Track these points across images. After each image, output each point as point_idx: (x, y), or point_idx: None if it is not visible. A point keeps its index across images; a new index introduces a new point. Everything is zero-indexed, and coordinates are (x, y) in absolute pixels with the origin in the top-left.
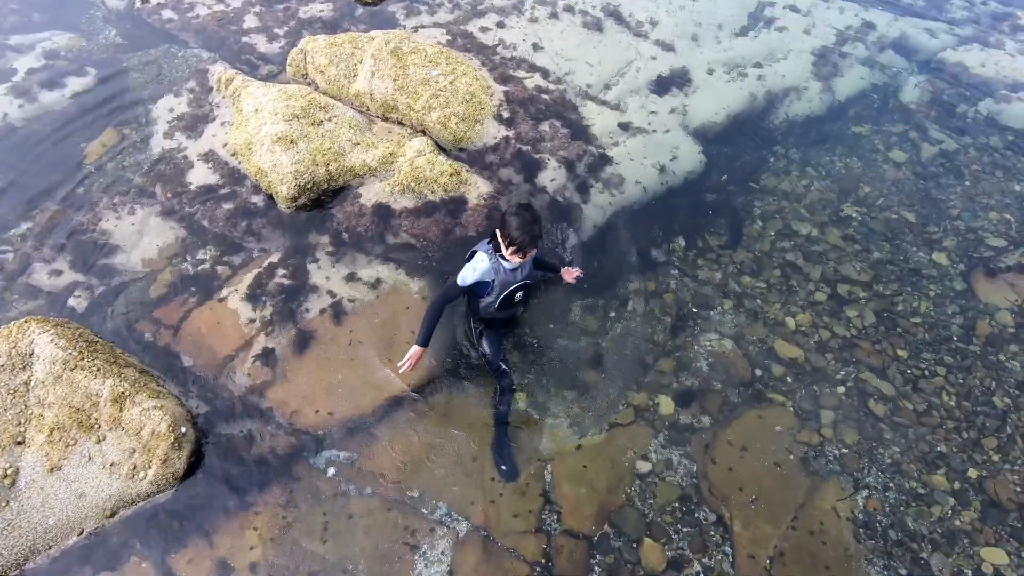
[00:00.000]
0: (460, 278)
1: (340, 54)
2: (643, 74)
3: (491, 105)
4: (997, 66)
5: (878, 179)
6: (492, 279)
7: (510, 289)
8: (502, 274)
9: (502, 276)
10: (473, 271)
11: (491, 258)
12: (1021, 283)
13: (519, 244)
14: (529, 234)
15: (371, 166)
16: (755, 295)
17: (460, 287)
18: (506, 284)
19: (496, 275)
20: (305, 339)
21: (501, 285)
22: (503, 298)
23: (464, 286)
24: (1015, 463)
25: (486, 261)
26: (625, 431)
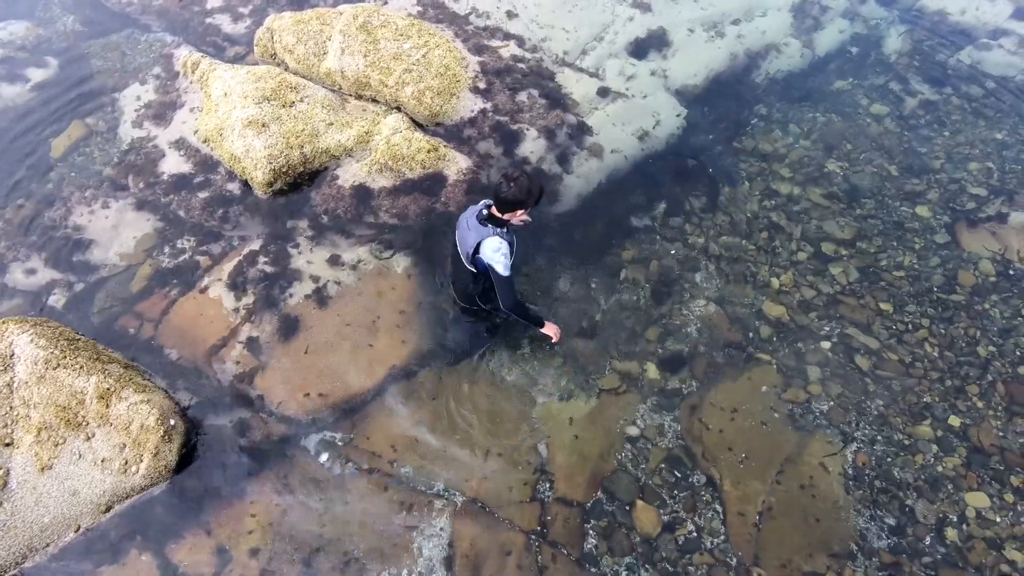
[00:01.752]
0: (505, 269)
1: (308, 31)
2: (621, 37)
3: (466, 77)
4: (977, 12)
5: (861, 134)
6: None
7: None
8: (513, 241)
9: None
10: (505, 257)
11: (505, 235)
12: (1002, 232)
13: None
14: (537, 191)
15: (347, 146)
16: (739, 257)
17: (510, 276)
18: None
19: (512, 246)
20: (291, 325)
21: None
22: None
23: (510, 273)
24: (997, 409)
25: (503, 241)
26: (615, 399)
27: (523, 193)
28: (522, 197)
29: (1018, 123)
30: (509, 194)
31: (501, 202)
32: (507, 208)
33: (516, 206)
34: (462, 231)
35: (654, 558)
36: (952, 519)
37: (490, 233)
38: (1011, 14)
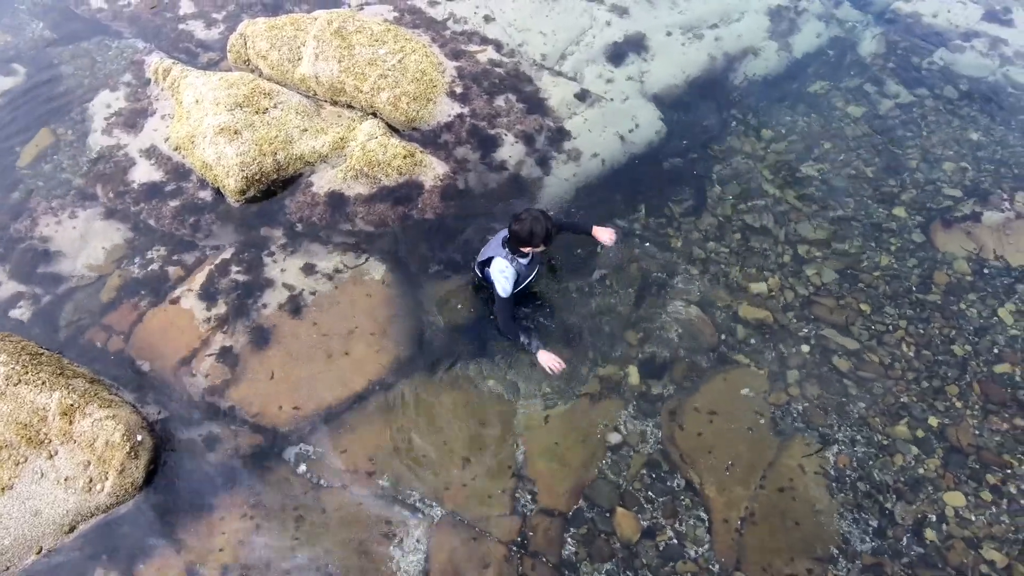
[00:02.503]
0: (503, 291)
1: (282, 37)
2: (599, 41)
3: (443, 82)
4: (949, 14)
5: (837, 136)
6: (517, 278)
7: (528, 281)
8: (522, 270)
9: (523, 272)
10: (507, 280)
11: (512, 262)
12: (977, 231)
13: (543, 242)
14: (545, 232)
15: (322, 152)
16: (719, 260)
17: (507, 298)
18: (525, 276)
19: (518, 274)
20: (264, 335)
21: (522, 279)
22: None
23: (509, 295)
24: (974, 408)
25: (510, 267)
26: (595, 404)
27: (525, 234)
28: (524, 237)
29: (991, 123)
30: (515, 231)
31: (510, 236)
32: (514, 243)
33: (521, 243)
34: (491, 242)
35: (634, 564)
36: (931, 519)
37: (502, 255)
38: (982, 16)
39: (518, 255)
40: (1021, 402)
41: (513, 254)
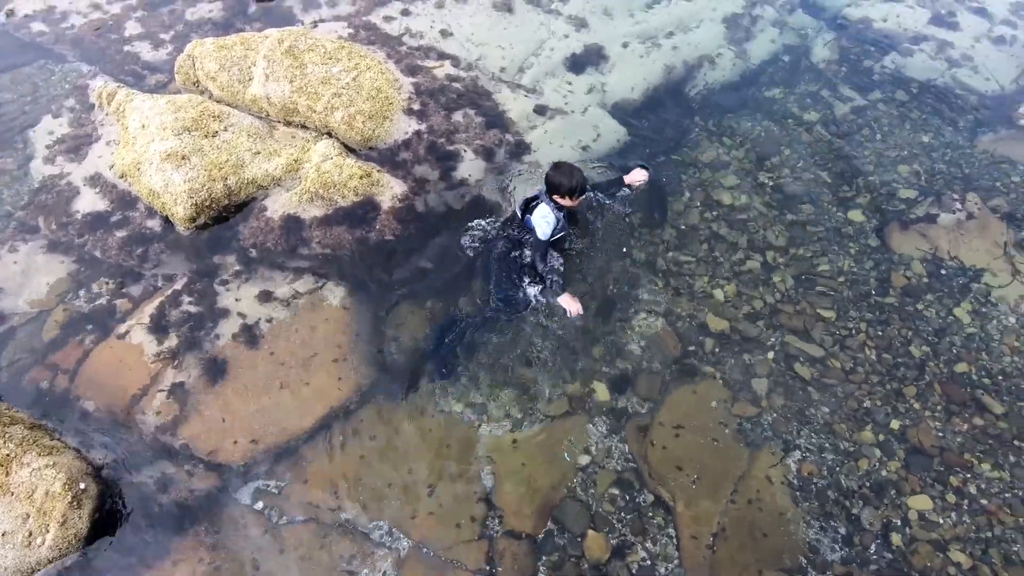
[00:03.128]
0: (542, 234)
1: (231, 57)
2: (557, 53)
3: (399, 99)
4: (898, 19)
5: (795, 141)
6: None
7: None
8: (561, 221)
9: (560, 224)
10: (548, 224)
11: (554, 210)
12: (931, 232)
13: (580, 189)
14: (574, 183)
15: (275, 175)
16: (683, 270)
17: (545, 241)
18: (559, 230)
19: (558, 221)
20: (218, 367)
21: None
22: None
23: (548, 239)
24: (935, 409)
25: (552, 213)
26: (562, 423)
27: (556, 183)
28: (555, 184)
29: (942, 125)
30: (550, 177)
31: (546, 184)
32: (551, 190)
33: (554, 189)
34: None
35: None
36: (896, 524)
37: (546, 201)
38: (929, 20)
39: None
40: (980, 401)
41: (553, 202)
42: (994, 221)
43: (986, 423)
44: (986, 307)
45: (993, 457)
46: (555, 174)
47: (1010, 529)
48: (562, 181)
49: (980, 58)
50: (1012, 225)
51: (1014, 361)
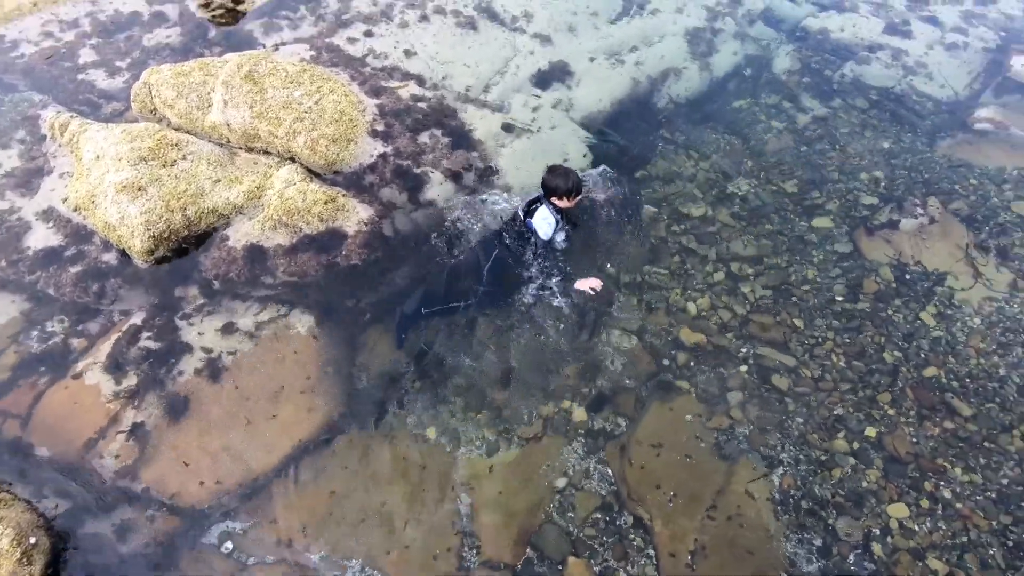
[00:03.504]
0: (544, 235)
1: (189, 84)
2: (523, 70)
3: (364, 121)
4: (855, 29)
5: (761, 152)
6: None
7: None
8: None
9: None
10: (548, 225)
11: (552, 212)
12: (895, 238)
13: (576, 190)
14: (571, 184)
15: (237, 204)
16: (656, 284)
17: (547, 240)
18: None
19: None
20: (181, 405)
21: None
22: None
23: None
24: (908, 415)
25: (551, 215)
26: (538, 446)
27: (554, 181)
28: (553, 185)
29: (901, 131)
30: (545, 180)
31: (544, 188)
32: (548, 193)
33: (551, 192)
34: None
35: None
36: (876, 533)
37: (546, 204)
38: (883, 29)
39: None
40: (949, 405)
41: (552, 205)
42: (955, 224)
43: (956, 426)
44: (951, 310)
45: (964, 460)
46: (551, 178)
47: (984, 533)
48: (558, 184)
49: (934, 65)
50: (972, 227)
51: (980, 363)
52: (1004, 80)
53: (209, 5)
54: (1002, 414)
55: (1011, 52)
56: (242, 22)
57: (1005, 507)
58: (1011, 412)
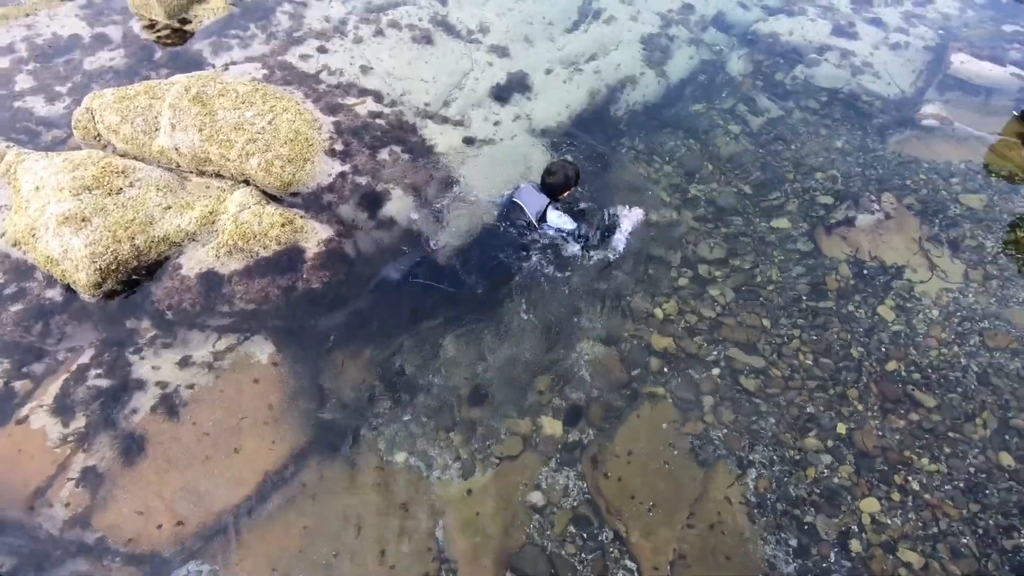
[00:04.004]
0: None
1: (135, 108)
2: (482, 83)
3: (320, 140)
4: (803, 31)
5: (720, 155)
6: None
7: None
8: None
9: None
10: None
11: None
12: (852, 235)
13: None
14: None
15: (189, 230)
16: (622, 291)
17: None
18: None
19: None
20: (136, 445)
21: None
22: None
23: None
24: (874, 409)
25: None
26: (514, 464)
27: (561, 181)
28: (560, 184)
29: (852, 130)
30: (552, 183)
31: (550, 190)
32: (557, 192)
33: (560, 190)
34: (526, 195)
35: None
36: (853, 530)
37: (552, 207)
38: (830, 31)
39: (561, 202)
40: (912, 396)
41: (557, 201)
42: (909, 218)
43: (921, 417)
44: (910, 303)
45: (930, 451)
46: (553, 179)
47: (955, 522)
48: (560, 181)
49: (880, 64)
50: (925, 221)
51: (941, 353)
52: (945, 77)
53: (154, 26)
54: (964, 403)
55: (950, 49)
56: (189, 42)
57: (974, 495)
58: (973, 400)
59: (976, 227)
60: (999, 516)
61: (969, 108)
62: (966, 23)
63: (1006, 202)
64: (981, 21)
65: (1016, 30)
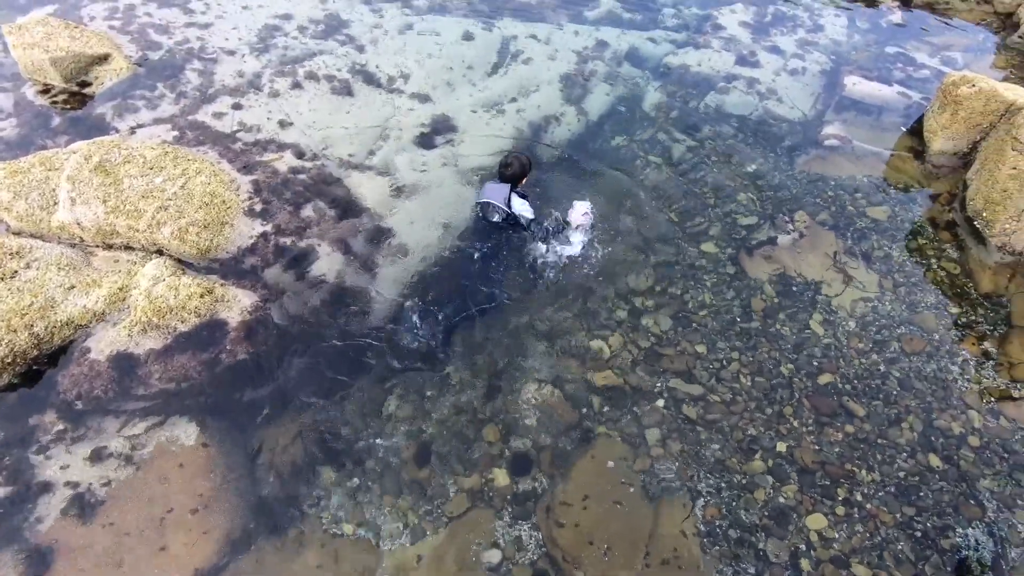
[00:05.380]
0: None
1: (29, 182)
2: (406, 131)
3: (238, 201)
4: (710, 62)
5: (644, 185)
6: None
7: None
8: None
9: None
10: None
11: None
12: (776, 254)
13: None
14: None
15: (96, 310)
16: (563, 328)
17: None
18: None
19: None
20: (43, 559)
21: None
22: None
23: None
24: (808, 424)
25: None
26: (465, 522)
27: (518, 169)
28: (517, 171)
29: (765, 152)
30: (513, 173)
31: (510, 179)
32: (516, 181)
33: (519, 178)
34: (490, 191)
35: None
36: (802, 549)
37: (516, 194)
38: (735, 61)
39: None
40: (848, 408)
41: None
42: (823, 234)
43: (855, 428)
44: (832, 316)
45: (865, 461)
46: (511, 168)
47: (891, 528)
48: (517, 170)
49: (782, 89)
50: (838, 235)
51: (863, 362)
52: (841, 98)
53: (50, 91)
54: (887, 408)
55: (842, 72)
56: (90, 106)
57: (906, 499)
58: (896, 405)
59: (882, 237)
60: (934, 518)
61: (864, 126)
62: (854, 47)
63: (906, 211)
64: (867, 44)
65: (898, 51)
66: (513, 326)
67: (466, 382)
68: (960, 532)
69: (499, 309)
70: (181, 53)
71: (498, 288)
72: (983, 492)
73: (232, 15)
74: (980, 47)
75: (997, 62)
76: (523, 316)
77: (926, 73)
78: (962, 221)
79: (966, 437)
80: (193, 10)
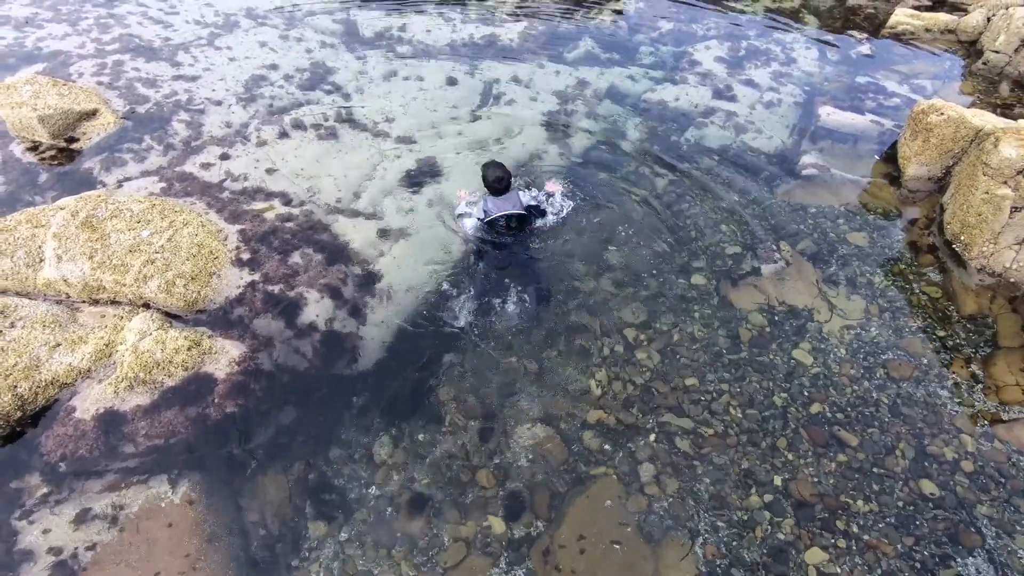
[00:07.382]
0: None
1: (15, 240)
2: (391, 174)
3: (226, 251)
4: (687, 97)
5: (629, 219)
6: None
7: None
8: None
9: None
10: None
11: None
12: (761, 283)
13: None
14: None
15: (82, 368)
16: (554, 367)
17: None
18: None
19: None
20: None
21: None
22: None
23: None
24: (806, 456)
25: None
26: (461, 571)
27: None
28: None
29: (745, 184)
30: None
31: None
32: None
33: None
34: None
35: None
36: None
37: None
38: (712, 95)
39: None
40: (839, 438)
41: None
42: (806, 263)
43: (848, 458)
44: (822, 344)
45: (861, 491)
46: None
47: (893, 558)
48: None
49: (759, 121)
50: (819, 264)
51: (855, 390)
52: (817, 128)
53: (38, 147)
54: (882, 436)
55: (817, 103)
56: (78, 161)
57: (905, 529)
58: (889, 432)
59: (864, 263)
60: (933, 546)
61: (840, 155)
62: (827, 78)
63: (885, 237)
64: (839, 75)
65: (869, 81)
66: (502, 366)
67: (458, 425)
68: (961, 561)
69: (489, 349)
70: (169, 105)
71: (487, 325)
72: (981, 519)
73: (219, 67)
74: (947, 74)
75: (964, 88)
76: (513, 356)
77: (897, 101)
78: (941, 244)
79: (959, 462)
80: (180, 63)
